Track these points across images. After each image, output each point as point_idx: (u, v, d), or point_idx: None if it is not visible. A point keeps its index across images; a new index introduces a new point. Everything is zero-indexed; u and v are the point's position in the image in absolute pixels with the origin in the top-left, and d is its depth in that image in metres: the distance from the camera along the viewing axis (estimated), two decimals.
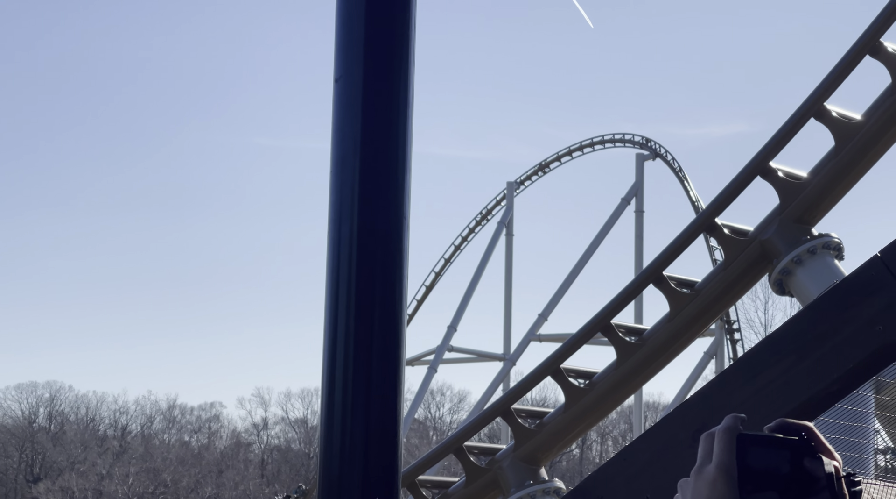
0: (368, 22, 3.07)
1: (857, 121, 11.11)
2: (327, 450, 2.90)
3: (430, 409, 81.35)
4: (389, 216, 3.01)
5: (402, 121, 3.06)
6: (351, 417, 2.85)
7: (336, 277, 2.99)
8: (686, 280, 12.25)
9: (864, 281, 2.56)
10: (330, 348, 2.97)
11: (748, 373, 2.76)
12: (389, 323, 2.98)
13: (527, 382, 12.88)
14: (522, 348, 36.39)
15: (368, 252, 2.98)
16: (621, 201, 36.66)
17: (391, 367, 2.94)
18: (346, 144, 3.05)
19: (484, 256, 39.40)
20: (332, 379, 2.95)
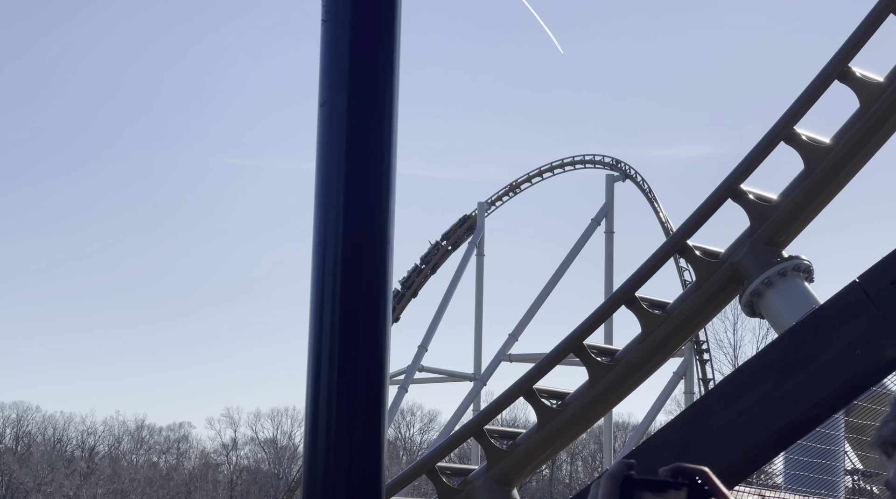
0: (353, 47, 3.10)
1: (827, 145, 11.23)
2: (311, 470, 2.92)
3: (400, 429, 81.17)
4: (374, 240, 3.04)
5: (387, 145, 3.09)
6: (335, 440, 2.87)
7: (321, 303, 3.01)
8: (658, 301, 12.30)
9: (843, 306, 2.60)
10: (314, 372, 2.99)
11: (730, 396, 2.79)
12: (374, 349, 3.00)
13: (499, 402, 12.87)
14: (493, 368, 36.43)
15: (353, 276, 3.00)
16: (591, 222, 36.85)
17: (375, 388, 2.96)
18: (331, 168, 3.08)
19: (455, 276, 39.45)
20: (317, 400, 2.97)
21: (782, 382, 2.71)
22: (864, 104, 10.96)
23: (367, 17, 2.98)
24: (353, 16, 2.95)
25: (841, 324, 2.56)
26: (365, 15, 2.99)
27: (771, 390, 2.73)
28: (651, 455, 2.83)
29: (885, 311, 2.51)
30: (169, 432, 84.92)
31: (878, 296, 2.54)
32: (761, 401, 2.73)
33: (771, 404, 2.72)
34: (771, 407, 2.72)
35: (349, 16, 2.95)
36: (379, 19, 2.98)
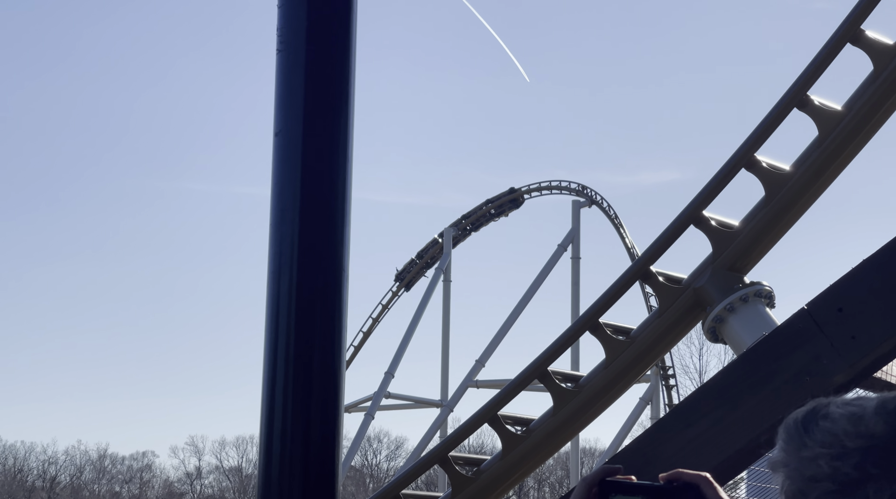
0: (308, 77, 3.11)
1: (787, 171, 11.35)
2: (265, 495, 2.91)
3: (366, 456, 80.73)
4: (329, 270, 3.05)
5: (342, 174, 3.10)
6: (289, 467, 2.86)
7: (275, 331, 3.00)
8: (622, 327, 12.36)
9: (791, 333, 2.63)
10: (268, 400, 2.97)
11: (683, 422, 2.81)
12: (328, 377, 3.00)
13: (464, 429, 12.86)
14: (460, 395, 36.37)
15: (307, 306, 3.00)
16: (558, 248, 36.96)
17: (330, 417, 2.96)
18: (286, 197, 3.08)
19: (421, 302, 39.42)
20: (271, 427, 2.96)
21: (734, 408, 2.73)
22: (823, 132, 11.10)
23: (321, 46, 3.00)
24: (307, 45, 2.96)
25: (790, 351, 2.59)
26: (319, 45, 3.00)
27: (722, 416, 2.76)
28: None
29: (833, 337, 2.55)
30: (132, 461, 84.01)
31: (826, 323, 2.57)
32: (713, 427, 2.75)
33: (722, 431, 2.74)
34: (722, 433, 2.74)
35: (303, 45, 2.97)
36: (333, 49, 3.00)
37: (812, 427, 1.65)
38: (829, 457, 1.59)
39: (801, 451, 1.63)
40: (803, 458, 1.62)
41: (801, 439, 1.64)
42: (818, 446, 1.61)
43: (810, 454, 1.61)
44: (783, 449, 1.68)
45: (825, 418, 1.65)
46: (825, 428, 1.63)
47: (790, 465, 1.64)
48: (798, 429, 1.67)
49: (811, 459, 1.61)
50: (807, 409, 1.71)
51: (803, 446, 1.63)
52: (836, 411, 1.65)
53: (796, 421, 1.69)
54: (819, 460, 1.60)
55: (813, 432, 1.64)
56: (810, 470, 1.61)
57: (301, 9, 2.96)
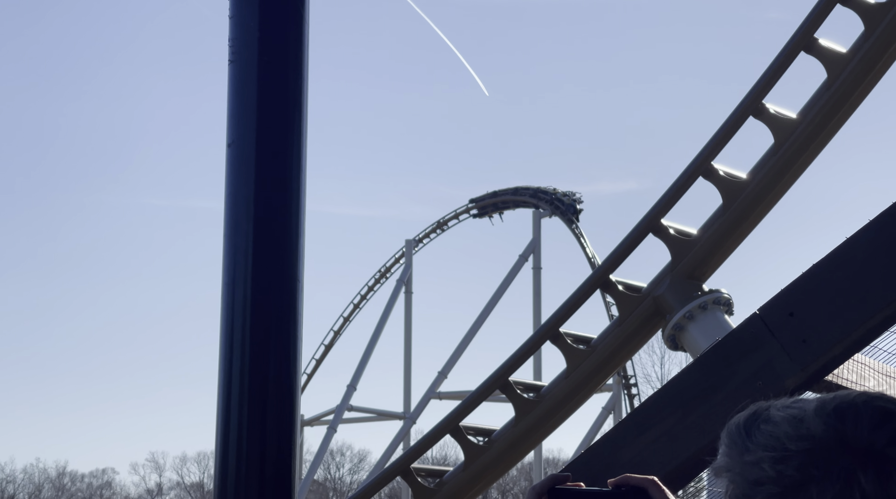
0: (261, 88, 3.10)
1: (743, 180, 11.47)
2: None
3: (329, 469, 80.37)
4: (284, 280, 3.03)
5: (295, 185, 3.09)
6: (245, 480, 2.83)
7: (230, 343, 2.98)
8: (582, 336, 12.41)
9: (744, 338, 2.66)
10: (224, 412, 2.95)
11: (637, 428, 2.82)
12: (284, 387, 2.98)
13: (426, 440, 12.86)
14: (423, 406, 36.33)
15: (262, 316, 2.98)
16: (519, 258, 37.04)
17: (285, 430, 2.94)
18: (240, 209, 3.06)
19: (383, 314, 39.36)
20: (226, 440, 2.93)
21: (687, 413, 2.75)
22: (779, 139, 11.23)
23: (274, 58, 2.99)
24: (259, 57, 2.96)
25: (743, 356, 2.62)
26: (272, 56, 3.00)
27: (676, 422, 2.77)
28: None
29: (784, 342, 2.57)
30: (91, 478, 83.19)
31: (778, 327, 2.60)
32: (667, 433, 2.77)
33: (677, 436, 2.76)
34: (677, 438, 2.76)
35: (255, 57, 2.96)
36: (286, 60, 2.99)
37: (754, 431, 1.65)
38: (771, 460, 1.60)
39: (745, 455, 1.64)
40: (746, 462, 1.63)
41: (744, 444, 1.65)
42: (761, 450, 1.62)
43: (753, 458, 1.62)
44: (726, 454, 1.69)
45: (766, 421, 1.65)
46: (766, 432, 1.63)
47: (734, 470, 1.65)
48: (740, 433, 1.68)
49: (754, 463, 1.62)
50: (748, 413, 1.71)
51: (746, 450, 1.64)
52: (776, 414, 1.66)
53: (738, 426, 1.70)
54: (762, 463, 1.61)
55: (755, 435, 1.65)
56: (754, 474, 1.62)
57: (253, 20, 2.95)
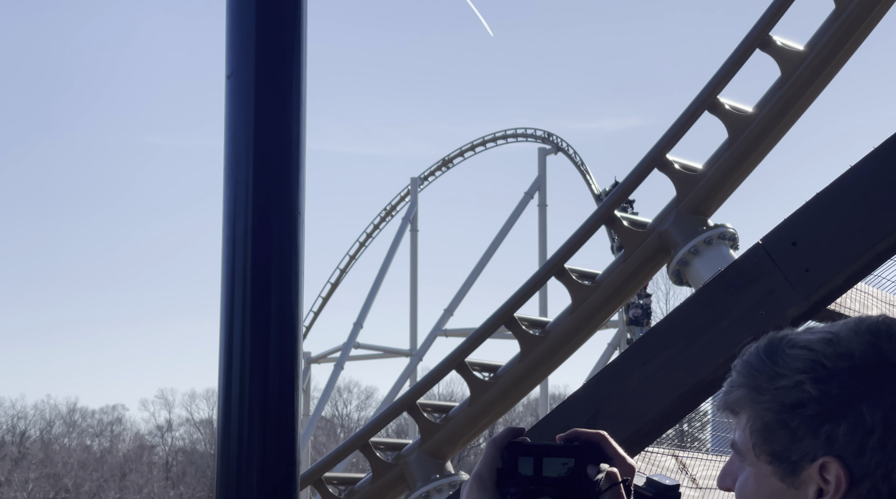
0: (259, 17, 3.06)
1: (749, 113, 11.40)
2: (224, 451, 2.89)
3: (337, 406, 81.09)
4: (284, 212, 3.01)
5: (296, 116, 3.06)
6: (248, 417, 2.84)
7: (231, 275, 2.98)
8: (587, 272, 12.42)
9: (746, 268, 2.65)
10: (226, 348, 2.96)
11: (638, 360, 2.83)
12: (286, 319, 2.98)
13: (432, 376, 12.95)
14: (429, 344, 36.51)
15: (263, 249, 2.97)
16: (524, 196, 36.96)
17: (288, 363, 2.94)
18: (239, 141, 3.04)
19: (389, 252, 39.39)
20: (229, 378, 2.94)
21: (689, 344, 2.75)
22: (785, 72, 11.13)
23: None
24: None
25: (745, 285, 2.61)
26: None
27: (678, 352, 2.77)
28: (562, 421, 2.87)
29: (787, 271, 2.56)
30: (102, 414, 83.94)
31: (780, 257, 2.59)
32: (669, 363, 2.77)
33: (678, 366, 2.76)
34: (679, 369, 2.76)
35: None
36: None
37: (780, 357, 1.61)
38: (813, 381, 1.57)
39: (777, 381, 1.59)
40: (780, 387, 1.58)
41: (773, 370, 1.61)
42: (797, 373, 1.58)
43: (789, 382, 1.58)
44: (745, 385, 1.65)
45: (793, 346, 1.62)
46: (798, 355, 1.60)
47: (761, 398, 1.61)
48: (763, 361, 1.64)
49: (791, 386, 1.58)
50: (764, 342, 1.68)
51: (777, 375, 1.60)
52: (803, 338, 1.63)
53: (758, 354, 1.66)
54: (802, 385, 1.57)
55: (783, 360, 1.61)
56: (792, 397, 1.58)
57: None
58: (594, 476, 1.72)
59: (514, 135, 40.98)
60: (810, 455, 1.55)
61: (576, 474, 1.72)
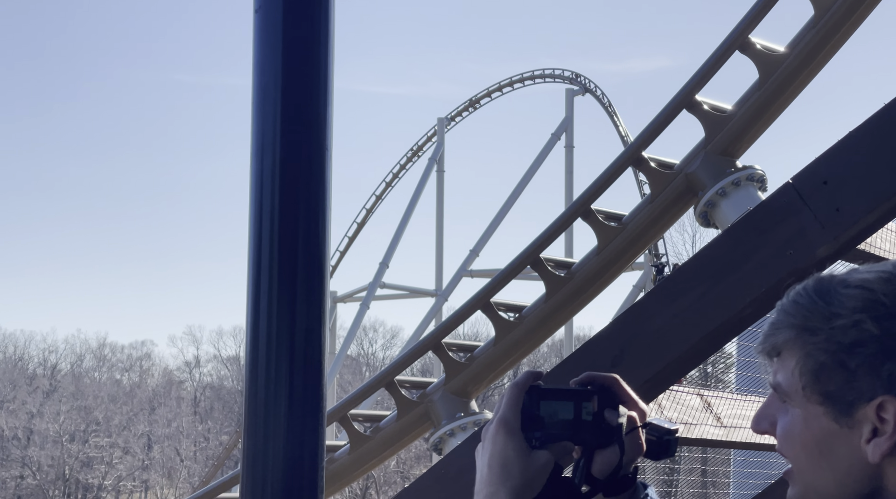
0: None
1: (781, 53, 11.24)
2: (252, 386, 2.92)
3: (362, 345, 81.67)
4: (312, 147, 3.01)
5: (324, 50, 3.04)
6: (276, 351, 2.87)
7: (259, 212, 2.98)
8: (614, 214, 12.38)
9: (776, 207, 2.62)
10: (254, 284, 2.97)
11: (665, 299, 2.82)
12: (313, 256, 2.99)
13: (457, 316, 12.99)
14: (454, 284, 36.59)
15: (291, 184, 2.98)
16: (551, 137, 36.76)
17: (315, 300, 2.96)
18: (267, 76, 3.03)
19: (415, 192, 39.37)
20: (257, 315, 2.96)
21: (716, 283, 2.73)
22: (819, 10, 10.95)
23: None
24: None
25: (774, 225, 2.58)
26: None
27: (705, 292, 2.76)
28: (587, 361, 2.87)
29: (817, 210, 2.53)
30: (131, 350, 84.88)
31: (811, 196, 2.56)
32: (695, 303, 2.76)
33: (705, 306, 2.75)
34: (705, 309, 2.75)
35: None
36: None
37: (835, 297, 1.57)
38: (873, 319, 1.53)
39: (833, 321, 1.55)
40: (838, 326, 1.55)
41: (827, 309, 1.57)
42: (856, 312, 1.54)
43: (847, 322, 1.54)
44: (794, 326, 1.60)
45: (847, 285, 1.58)
46: (855, 294, 1.56)
47: (812, 340, 1.57)
48: (815, 301, 1.59)
49: (850, 325, 1.54)
50: (812, 283, 1.63)
51: (833, 315, 1.55)
52: (857, 277, 1.59)
53: (808, 295, 1.61)
54: (862, 324, 1.53)
55: (837, 300, 1.57)
56: (851, 336, 1.54)
57: None
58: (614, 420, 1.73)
59: (542, 76, 40.69)
60: (867, 395, 1.52)
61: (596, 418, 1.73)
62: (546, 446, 1.70)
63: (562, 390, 1.73)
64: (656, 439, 1.79)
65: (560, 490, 1.68)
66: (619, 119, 38.85)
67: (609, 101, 38.92)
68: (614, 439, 1.72)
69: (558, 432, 1.71)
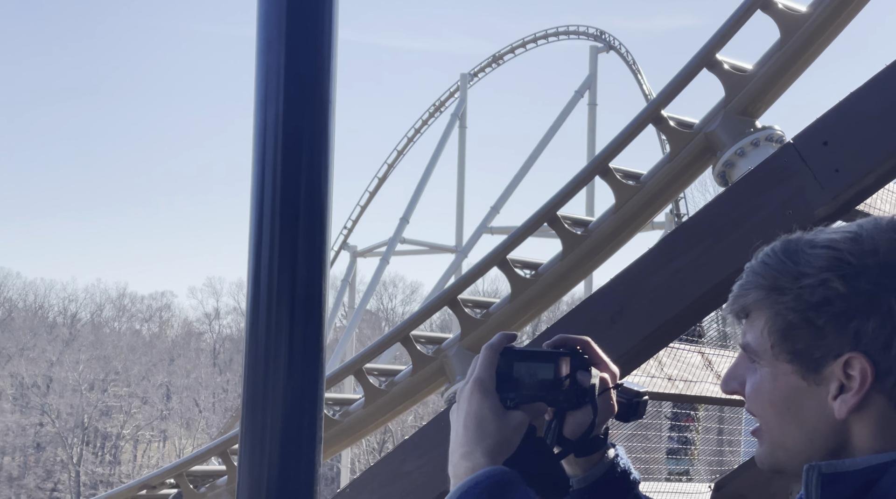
0: None
1: (803, 12, 11.12)
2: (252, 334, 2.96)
3: (382, 300, 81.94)
4: (315, 99, 3.03)
5: (328, 3, 3.04)
6: (276, 301, 2.90)
7: (262, 161, 3.01)
8: (632, 172, 12.34)
9: (776, 167, 2.62)
10: (256, 234, 3.00)
11: (665, 256, 2.82)
12: (315, 206, 3.02)
13: (473, 272, 13.00)
14: (474, 241, 36.63)
15: (294, 134, 3.00)
16: (574, 94, 36.59)
17: (315, 250, 2.99)
18: (271, 27, 3.04)
19: (437, 148, 39.32)
20: (258, 263, 3.00)
21: (716, 242, 2.73)
22: None
23: None
24: None
25: (774, 184, 2.58)
26: None
27: (705, 250, 2.76)
28: (587, 316, 2.89)
29: (816, 171, 2.53)
30: (151, 300, 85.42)
31: (811, 156, 2.55)
32: (695, 261, 2.76)
33: (704, 264, 2.75)
34: (704, 267, 2.75)
35: None
36: None
37: (802, 256, 1.59)
38: (840, 278, 1.55)
39: (800, 280, 1.57)
40: (805, 286, 1.57)
41: (795, 270, 1.59)
42: (823, 271, 1.56)
43: (814, 281, 1.56)
44: (763, 286, 1.62)
45: (814, 246, 1.59)
46: (822, 254, 1.57)
47: (781, 300, 1.59)
48: (783, 262, 1.61)
49: (817, 284, 1.55)
50: (780, 244, 1.65)
51: (801, 274, 1.57)
52: (823, 237, 1.60)
53: (776, 256, 1.63)
54: (830, 282, 1.55)
55: (804, 259, 1.58)
56: (818, 295, 1.55)
57: None
58: (587, 382, 1.75)
59: (566, 32, 40.41)
60: (834, 352, 1.55)
61: (569, 380, 1.75)
62: (520, 406, 1.72)
63: (535, 352, 1.75)
64: (626, 402, 1.81)
65: (533, 450, 1.70)
66: (642, 77, 38.60)
67: (633, 59, 38.65)
68: (587, 401, 1.74)
69: (532, 392, 1.73)
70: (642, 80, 38.61)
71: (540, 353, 1.75)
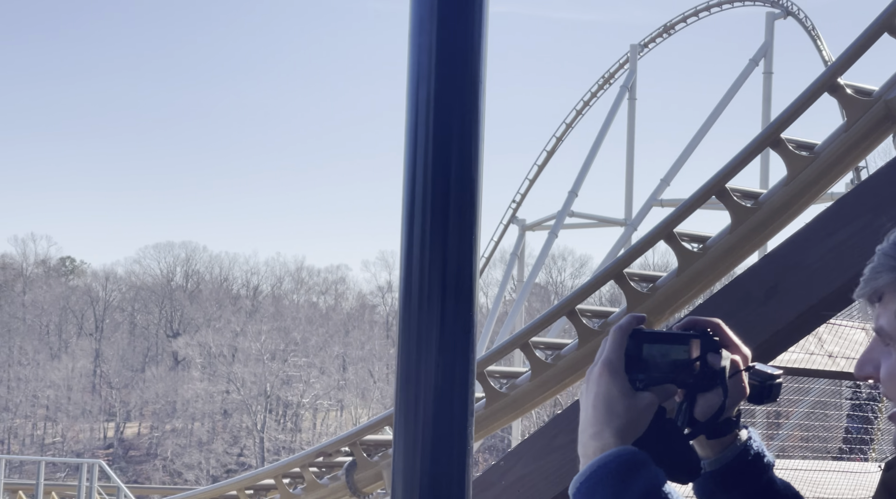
0: None
1: None
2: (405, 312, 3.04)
3: (551, 273, 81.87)
4: (466, 78, 3.07)
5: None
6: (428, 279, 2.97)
7: (414, 142, 3.08)
8: (805, 143, 11.95)
9: None
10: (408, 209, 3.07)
11: (823, 231, 2.75)
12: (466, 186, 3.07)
13: (640, 246, 12.87)
14: (644, 214, 36.20)
15: (444, 113, 3.05)
16: (749, 63, 35.62)
17: (467, 224, 3.04)
18: (423, 6, 3.10)
19: (606, 120, 38.94)
20: (411, 236, 3.07)
21: (876, 216, 2.64)
22: None
23: None
24: None
25: None
26: None
27: (865, 225, 2.67)
28: (740, 290, 2.83)
29: None
30: (327, 273, 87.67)
31: None
32: (855, 236, 2.68)
33: (864, 239, 2.66)
34: (864, 242, 2.66)
35: None
36: None
37: None
38: None
39: None
40: None
41: None
42: None
43: None
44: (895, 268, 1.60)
45: None
46: None
47: None
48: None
49: None
50: None
51: None
52: None
53: None
54: None
55: None
56: None
57: None
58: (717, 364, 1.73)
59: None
60: None
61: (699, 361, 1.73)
62: (649, 388, 1.71)
63: (665, 334, 1.75)
64: (759, 384, 1.78)
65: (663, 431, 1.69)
66: (822, 44, 37.23)
67: (812, 25, 37.31)
68: (717, 383, 1.72)
69: (661, 374, 1.72)
70: (822, 47, 37.26)
71: (670, 335, 1.74)
